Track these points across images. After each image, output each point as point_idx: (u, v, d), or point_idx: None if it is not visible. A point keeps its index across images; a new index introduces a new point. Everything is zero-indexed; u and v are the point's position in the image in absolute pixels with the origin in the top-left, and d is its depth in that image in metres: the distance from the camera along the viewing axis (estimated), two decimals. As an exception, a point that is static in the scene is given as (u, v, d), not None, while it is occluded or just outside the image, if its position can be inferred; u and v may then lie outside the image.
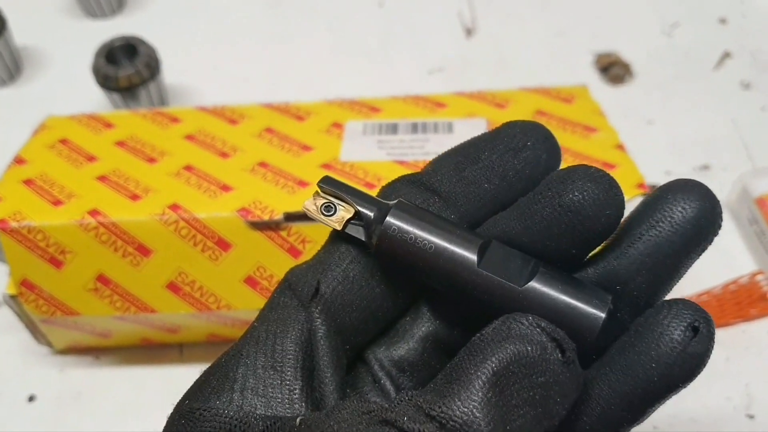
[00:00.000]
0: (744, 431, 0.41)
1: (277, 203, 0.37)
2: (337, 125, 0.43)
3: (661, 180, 0.52)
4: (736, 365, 0.44)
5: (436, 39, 0.62)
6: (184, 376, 0.43)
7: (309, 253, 0.37)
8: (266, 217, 0.36)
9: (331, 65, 0.61)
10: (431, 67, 0.60)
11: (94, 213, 0.37)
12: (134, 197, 0.38)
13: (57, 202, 0.38)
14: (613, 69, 0.59)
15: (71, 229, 0.37)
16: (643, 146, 0.54)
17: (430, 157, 0.39)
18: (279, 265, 0.37)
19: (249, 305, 0.38)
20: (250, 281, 0.38)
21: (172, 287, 0.38)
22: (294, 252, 0.37)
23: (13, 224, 0.37)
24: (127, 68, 0.52)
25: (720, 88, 0.58)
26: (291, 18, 0.64)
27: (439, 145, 0.41)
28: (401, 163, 0.40)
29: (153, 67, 0.53)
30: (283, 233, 0.37)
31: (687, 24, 0.62)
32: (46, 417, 0.42)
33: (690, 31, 0.62)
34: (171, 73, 0.59)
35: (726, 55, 0.60)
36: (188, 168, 0.40)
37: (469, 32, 0.63)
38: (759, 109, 0.56)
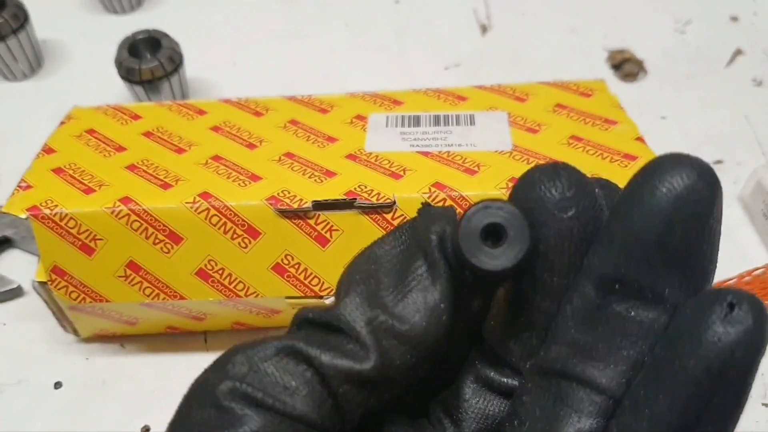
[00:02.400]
0: (760, 420, 0.42)
1: (306, 192, 0.38)
2: (360, 117, 0.43)
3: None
4: (751, 356, 0.44)
5: (451, 35, 0.63)
6: (208, 364, 0.44)
7: (336, 241, 0.38)
8: (295, 206, 0.37)
9: (347, 60, 0.62)
10: (447, 62, 0.61)
11: (125, 201, 0.38)
12: (165, 186, 0.39)
13: (88, 190, 0.39)
14: (626, 66, 0.60)
15: (103, 216, 0.37)
16: (657, 142, 0.54)
17: (454, 149, 0.40)
18: (306, 253, 0.38)
19: (276, 292, 0.39)
20: (278, 269, 0.38)
21: (202, 274, 0.39)
22: (321, 240, 0.38)
23: (46, 211, 0.37)
24: (150, 61, 0.52)
25: (732, 85, 0.59)
26: (309, 14, 0.65)
27: (461, 137, 0.41)
28: (425, 154, 0.40)
29: (176, 60, 0.53)
30: (311, 221, 0.38)
31: (699, 21, 0.63)
32: (72, 404, 0.43)
33: (702, 29, 0.63)
34: (190, 68, 0.59)
35: (738, 53, 0.61)
36: (216, 158, 0.40)
37: (484, 29, 0.63)
38: (771, 105, 0.57)
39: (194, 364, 0.44)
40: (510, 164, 0.39)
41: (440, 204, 0.37)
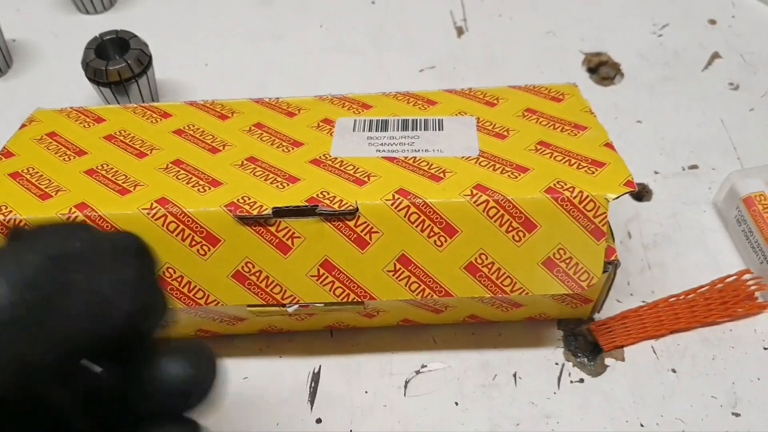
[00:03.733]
0: (730, 430, 0.41)
1: (267, 198, 0.37)
2: (328, 121, 0.43)
3: (650, 180, 0.52)
4: (723, 364, 0.44)
5: (427, 37, 0.62)
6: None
7: (298, 249, 0.37)
8: (255, 212, 0.36)
9: (322, 62, 0.61)
10: (422, 65, 0.60)
11: (81, 206, 0.37)
12: (123, 191, 0.38)
13: (44, 196, 0.38)
14: (603, 69, 0.60)
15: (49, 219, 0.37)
16: (632, 146, 0.54)
17: (420, 154, 0.40)
18: (268, 260, 0.37)
19: (237, 300, 0.38)
20: (239, 276, 0.38)
21: (160, 282, 0.38)
22: (283, 247, 0.37)
23: None
24: (117, 63, 0.51)
25: (709, 89, 0.58)
26: (283, 15, 0.64)
27: (429, 142, 0.41)
28: (391, 159, 0.40)
29: (143, 62, 0.52)
30: (272, 228, 0.37)
31: (677, 25, 0.63)
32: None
33: (680, 32, 0.62)
34: (162, 69, 0.59)
35: (715, 56, 0.60)
36: (177, 162, 0.40)
37: (460, 31, 0.63)
38: (747, 109, 0.57)
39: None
40: (475, 170, 0.38)
41: (403, 211, 0.37)
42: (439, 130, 0.41)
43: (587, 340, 0.45)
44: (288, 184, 0.38)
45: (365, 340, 0.45)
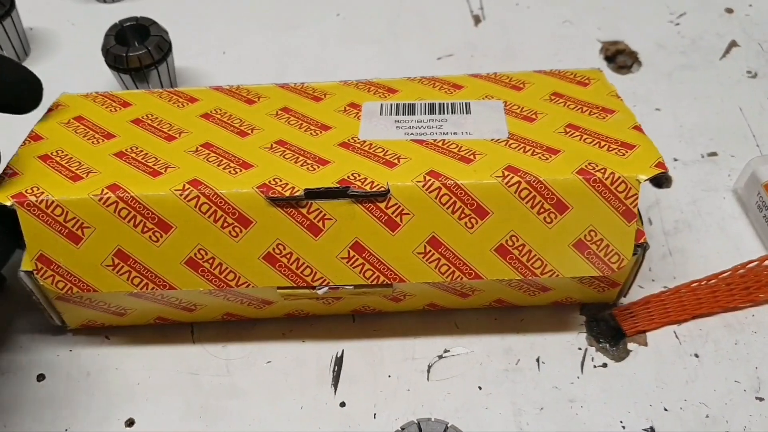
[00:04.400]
0: (754, 414, 0.41)
1: (298, 180, 0.37)
2: (354, 105, 0.43)
3: (670, 167, 0.52)
4: (745, 349, 0.44)
5: (444, 26, 0.62)
6: (195, 357, 0.43)
7: (329, 231, 0.37)
8: (287, 194, 0.36)
9: (340, 51, 0.61)
10: (440, 53, 0.60)
11: (113, 188, 0.37)
12: (154, 173, 0.38)
13: (75, 177, 0.38)
14: (620, 58, 0.60)
15: (90, 203, 0.37)
16: (651, 134, 0.53)
17: (449, 137, 0.40)
18: (299, 242, 0.38)
19: (267, 282, 0.38)
20: (270, 258, 0.38)
21: (191, 263, 0.38)
22: (314, 229, 0.37)
23: (32, 198, 0.37)
24: (137, 49, 0.51)
25: (727, 77, 0.58)
26: (301, 4, 0.64)
27: (457, 125, 0.41)
28: (420, 142, 0.40)
29: (164, 48, 0.52)
30: (303, 210, 0.37)
31: (694, 13, 0.63)
32: (55, 396, 0.42)
33: (697, 21, 0.62)
34: (180, 57, 0.59)
35: (733, 45, 0.60)
36: (207, 146, 0.40)
37: (477, 20, 0.63)
38: (766, 97, 0.57)
39: (180, 356, 0.44)
40: (506, 153, 0.38)
41: (434, 193, 0.37)
42: (466, 113, 0.41)
43: (610, 325, 0.45)
44: (318, 167, 0.38)
45: (388, 325, 0.45)
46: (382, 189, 0.37)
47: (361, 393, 0.42)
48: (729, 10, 0.63)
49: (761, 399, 0.42)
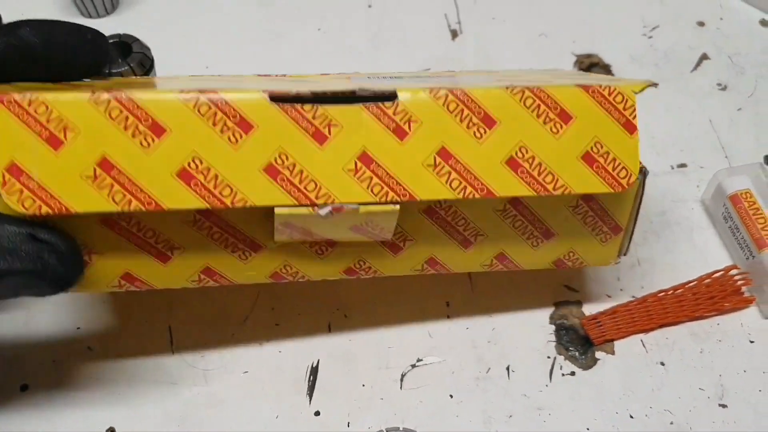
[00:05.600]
0: (716, 421, 0.43)
1: (303, 88, 0.36)
2: (345, 76, 0.43)
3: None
4: (710, 357, 0.45)
5: (423, 40, 0.64)
6: (173, 366, 0.44)
7: (335, 138, 0.36)
8: (293, 92, 0.35)
9: (321, 64, 0.62)
10: (418, 66, 0.62)
11: (106, 89, 0.35)
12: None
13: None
14: (594, 70, 0.61)
15: (80, 102, 0.34)
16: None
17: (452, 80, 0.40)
18: (303, 151, 0.35)
19: (266, 199, 0.35)
20: (271, 170, 0.35)
21: (184, 175, 0.35)
22: (319, 137, 0.35)
23: (16, 96, 0.33)
24: (119, 66, 0.53)
25: (698, 89, 0.60)
26: (282, 18, 0.66)
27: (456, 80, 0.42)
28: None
29: (146, 65, 0.54)
30: (309, 115, 0.35)
31: (666, 26, 0.64)
32: (39, 406, 0.43)
33: (669, 34, 0.64)
34: (163, 72, 0.60)
35: (704, 57, 0.62)
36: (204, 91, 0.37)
37: (454, 34, 0.64)
38: (735, 109, 0.58)
39: (159, 366, 0.45)
40: (508, 74, 0.40)
41: (442, 100, 0.36)
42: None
43: (578, 334, 0.46)
44: (322, 82, 0.37)
45: (363, 335, 0.46)
46: (390, 92, 0.36)
47: (335, 402, 0.43)
48: (701, 24, 0.64)
49: (724, 406, 0.43)
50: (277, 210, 0.36)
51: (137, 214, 0.36)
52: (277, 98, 0.35)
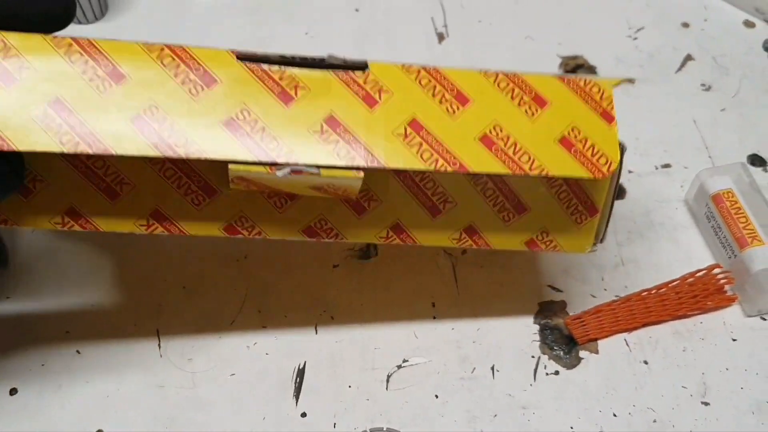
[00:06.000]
0: (699, 418, 0.43)
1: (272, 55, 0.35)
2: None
3: (624, 179, 0.54)
4: (693, 355, 0.46)
5: (409, 43, 0.64)
6: (161, 370, 0.45)
7: (302, 99, 0.35)
8: (260, 53, 0.34)
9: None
10: (404, 70, 0.62)
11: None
12: None
13: None
14: (580, 72, 0.61)
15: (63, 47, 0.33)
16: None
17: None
18: (267, 108, 0.34)
19: (223, 153, 0.34)
20: (231, 125, 0.34)
21: (139, 122, 0.33)
22: (285, 97, 0.34)
23: None
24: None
25: (682, 90, 0.60)
26: (270, 23, 0.66)
27: None
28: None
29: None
30: (275, 76, 0.34)
31: (651, 28, 0.65)
32: (28, 409, 0.44)
33: (654, 35, 0.64)
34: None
35: (688, 58, 0.62)
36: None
37: (441, 37, 0.65)
38: (719, 109, 0.59)
39: (148, 369, 0.46)
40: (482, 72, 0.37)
41: (414, 74, 0.36)
42: None
43: (563, 333, 0.46)
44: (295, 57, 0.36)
45: (349, 337, 0.46)
46: (361, 63, 0.35)
47: (321, 403, 0.44)
48: (685, 25, 0.65)
49: (707, 404, 0.44)
50: (231, 166, 0.34)
51: None
52: (244, 57, 0.34)
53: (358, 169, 0.34)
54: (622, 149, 0.38)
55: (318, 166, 0.34)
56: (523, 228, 0.41)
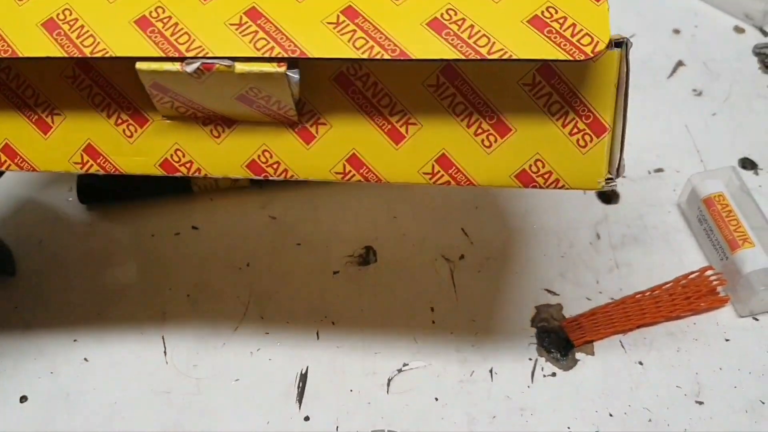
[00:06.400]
0: (693, 417, 0.44)
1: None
2: None
3: (618, 184, 0.55)
4: (687, 356, 0.47)
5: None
6: (167, 376, 0.46)
7: None
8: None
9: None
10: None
11: None
12: None
13: None
14: (574, 78, 0.62)
15: None
16: (602, 152, 0.57)
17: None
18: (182, 6, 0.32)
19: (130, 49, 0.31)
20: (143, 22, 0.31)
21: (50, 25, 0.32)
22: None
23: None
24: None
25: (674, 95, 0.61)
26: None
27: None
28: None
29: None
30: None
31: (643, 34, 0.66)
32: (38, 417, 0.45)
33: (646, 42, 0.65)
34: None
35: (679, 64, 0.63)
36: None
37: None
38: (710, 114, 0.60)
39: (154, 375, 0.47)
40: None
41: None
42: None
43: (559, 336, 0.47)
44: None
45: (350, 342, 0.47)
46: None
47: (324, 407, 0.45)
48: (676, 31, 0.66)
49: (701, 403, 0.45)
50: (138, 64, 0.31)
51: (14, 65, 0.34)
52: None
53: (279, 60, 0.30)
54: (626, 44, 0.31)
55: (232, 58, 0.30)
56: (510, 156, 0.33)
